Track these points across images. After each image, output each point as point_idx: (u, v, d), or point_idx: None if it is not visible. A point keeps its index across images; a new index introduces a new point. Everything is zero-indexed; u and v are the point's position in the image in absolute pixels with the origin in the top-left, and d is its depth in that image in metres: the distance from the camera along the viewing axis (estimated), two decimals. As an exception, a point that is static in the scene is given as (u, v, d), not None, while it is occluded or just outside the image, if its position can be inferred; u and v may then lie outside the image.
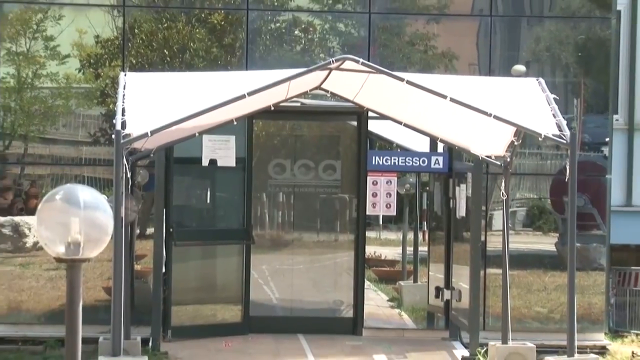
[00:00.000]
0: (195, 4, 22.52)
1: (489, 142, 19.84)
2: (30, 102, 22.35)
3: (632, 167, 25.47)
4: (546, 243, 22.27)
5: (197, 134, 19.95)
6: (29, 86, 22.30)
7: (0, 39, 22.19)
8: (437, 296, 22.94)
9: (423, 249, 23.99)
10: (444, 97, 17.81)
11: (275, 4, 22.62)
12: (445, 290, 22.71)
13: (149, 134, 17.33)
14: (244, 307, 22.28)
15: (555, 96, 19.20)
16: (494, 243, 21.05)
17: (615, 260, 22.82)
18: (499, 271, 20.37)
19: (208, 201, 22.48)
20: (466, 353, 20.27)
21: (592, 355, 18.67)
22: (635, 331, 23.08)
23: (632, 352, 21.23)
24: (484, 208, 21.47)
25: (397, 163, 22.90)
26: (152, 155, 20.08)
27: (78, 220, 9.08)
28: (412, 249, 24.38)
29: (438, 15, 23.07)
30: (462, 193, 22.34)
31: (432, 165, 22.79)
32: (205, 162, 21.82)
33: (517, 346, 19.28)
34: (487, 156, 20.28)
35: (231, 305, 22.29)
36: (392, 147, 23.00)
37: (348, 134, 22.67)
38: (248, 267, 22.40)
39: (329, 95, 20.39)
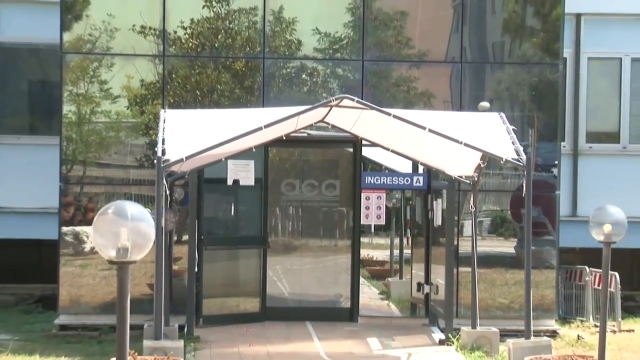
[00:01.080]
0: (221, 54, 22.47)
1: (460, 164, 19.91)
2: (88, 134, 22.31)
3: (576, 185, 25.40)
4: (507, 246, 22.24)
5: (223, 159, 20.04)
6: (87, 121, 22.27)
7: (64, 82, 22.14)
8: (418, 290, 22.95)
9: (407, 251, 23.95)
10: (424, 128, 17.87)
11: (286, 53, 22.58)
12: (425, 285, 22.72)
13: (184, 159, 17.46)
14: (261, 299, 22.27)
15: (514, 127, 19.26)
16: (464, 247, 21.00)
17: (563, 260, 22.81)
18: (469, 269, 20.31)
19: (232, 213, 22.46)
20: (442, 336, 20.19)
21: (545, 338, 18.60)
22: (580, 318, 23.04)
23: (578, 335, 21.19)
24: (456, 218, 21.42)
25: (385, 182, 23.03)
26: (186, 176, 20.10)
27: (126, 230, 9.23)
28: (398, 251, 24.34)
29: (418, 62, 23.02)
30: (438, 206, 22.38)
31: (414, 184, 22.88)
32: (229, 182, 21.86)
33: (483, 331, 19.34)
34: (459, 176, 20.38)
35: (251, 298, 22.27)
36: (381, 169, 22.96)
37: (345, 159, 22.63)
38: (265, 266, 22.39)
39: (330, 127, 20.33)
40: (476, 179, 20.14)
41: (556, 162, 23.03)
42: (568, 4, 23.06)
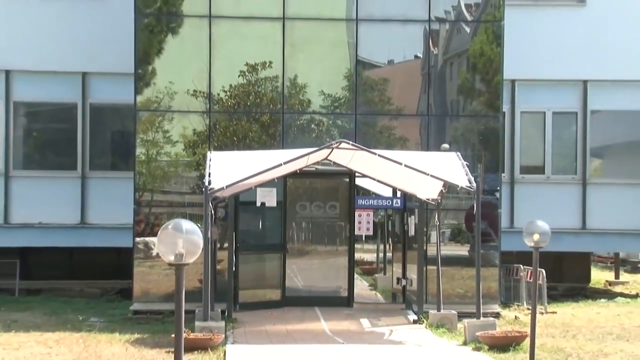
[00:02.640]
0: (251, 110, 22.38)
1: (428, 190, 19.89)
2: (154, 169, 22.23)
3: (513, 205, 25.31)
4: (462, 250, 22.20)
5: (253, 187, 20.14)
6: (153, 160, 22.20)
7: (137, 132, 22.08)
8: (397, 283, 22.96)
9: (389, 254, 23.91)
10: (400, 164, 17.93)
11: (299, 109, 22.50)
12: (402, 279, 22.68)
13: (225, 188, 17.63)
14: (282, 290, 22.17)
15: (467, 163, 19.27)
16: (431, 250, 20.87)
17: (503, 261, 22.69)
18: (434, 267, 20.19)
19: (260, 227, 22.40)
20: (415, 317, 20.13)
21: (491, 319, 18.53)
22: (517, 303, 22.97)
23: (515, 316, 21.04)
24: (425, 230, 21.29)
25: (372, 203, 23.17)
26: (226, 200, 20.08)
27: (182, 240, 9.28)
28: (382, 254, 24.26)
29: (396, 115, 22.94)
30: (412, 221, 22.34)
31: (394, 205, 22.96)
32: (258, 204, 21.78)
33: (446, 313, 19.31)
34: (427, 199, 20.37)
35: (274, 289, 22.12)
36: (369, 193, 22.90)
37: (343, 186, 22.55)
38: (284, 266, 22.28)
39: (331, 163, 20.32)
40: (440, 201, 20.28)
41: (498, 188, 22.91)
42: (505, 72, 22.97)
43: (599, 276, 31.05)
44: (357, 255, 23.19)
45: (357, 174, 21.84)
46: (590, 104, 26.29)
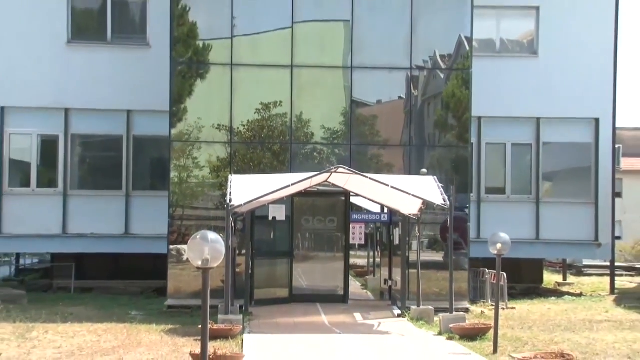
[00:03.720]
0: (265, 141, 22.32)
1: (410, 207, 19.81)
2: (185, 189, 22.16)
3: (480, 219, 25.29)
4: (438, 257, 22.06)
5: (266, 204, 20.03)
6: (185, 182, 22.15)
7: (171, 159, 22.01)
8: (384, 284, 22.90)
9: (378, 260, 23.76)
10: (387, 185, 17.94)
11: (304, 140, 22.47)
12: (389, 280, 22.64)
13: (243, 205, 17.59)
14: (289, 289, 22.05)
15: (442, 185, 19.18)
16: (412, 257, 20.73)
17: (472, 265, 22.61)
18: (415, 271, 20.06)
19: (271, 237, 22.21)
20: (399, 312, 20.00)
21: (462, 313, 18.35)
22: (483, 301, 22.91)
23: (481, 311, 20.92)
24: (407, 239, 21.18)
25: (364, 218, 23.15)
26: (244, 215, 20.05)
27: (207, 248, 9.39)
28: (372, 260, 24.10)
29: (384, 145, 22.90)
30: (397, 232, 22.27)
31: (382, 219, 22.88)
32: (270, 218, 21.73)
33: (424, 308, 19.21)
34: (409, 214, 20.29)
35: (283, 288, 21.97)
36: (362, 209, 22.77)
37: (340, 204, 22.45)
38: (291, 269, 22.18)
39: (331, 185, 20.21)
40: (419, 216, 20.14)
41: (467, 205, 22.81)
42: (473, 111, 22.95)
43: (549, 278, 31.00)
44: (352, 261, 23.06)
45: (351, 194, 21.71)
46: (542, 137, 26.37)
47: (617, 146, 27.75)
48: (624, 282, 31.47)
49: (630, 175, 56.45)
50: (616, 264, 29.42)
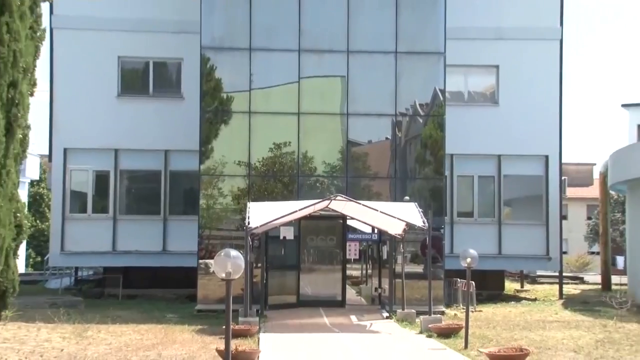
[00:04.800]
0: (277, 174, 22.30)
1: (395, 228, 19.69)
2: (211, 214, 22.06)
3: (453, 238, 25.15)
4: (419, 269, 21.89)
5: (278, 226, 19.91)
6: (211, 208, 22.07)
7: (200, 189, 21.96)
8: (375, 291, 22.65)
9: (369, 271, 23.52)
10: (377, 210, 17.86)
11: (309, 173, 22.42)
12: (378, 288, 22.42)
13: (259, 227, 17.39)
14: (297, 296, 21.92)
15: (422, 210, 19.06)
16: (398, 269, 20.55)
17: (446, 275, 22.41)
18: (400, 280, 19.95)
19: (282, 253, 22.11)
20: (387, 314, 19.88)
21: (438, 315, 18.20)
22: (456, 305, 22.64)
23: (455, 314, 20.74)
24: (393, 254, 21.02)
25: (358, 237, 22.99)
26: (260, 235, 19.95)
27: (230, 263, 9.43)
28: (365, 271, 23.92)
29: (373, 177, 22.88)
30: (385, 249, 22.15)
31: (373, 238, 22.78)
32: (281, 237, 21.61)
33: (408, 311, 19.06)
34: (395, 234, 20.16)
35: (292, 295, 21.81)
36: (356, 230, 22.57)
37: (338, 225, 22.33)
38: (298, 279, 22.05)
39: (331, 210, 20.06)
40: (403, 235, 20.01)
41: (442, 226, 22.74)
42: (447, 149, 22.98)
43: (509, 286, 30.77)
44: (348, 272, 22.76)
45: (348, 217, 21.58)
46: (503, 171, 26.30)
47: (563, 178, 27.71)
48: (570, 289, 31.27)
49: (573, 202, 56.72)
50: (563, 274, 29.30)
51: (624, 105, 34.44)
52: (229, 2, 22.63)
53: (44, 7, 12.55)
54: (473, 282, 20.41)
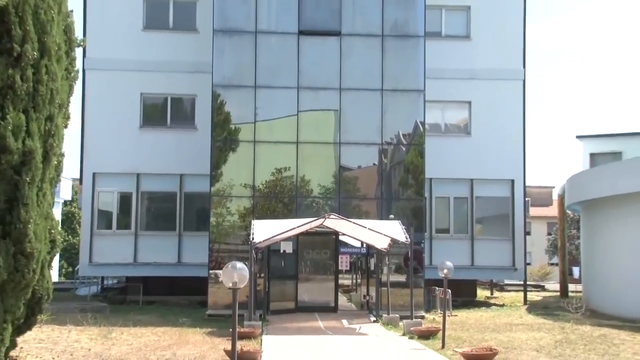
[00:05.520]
0: (278, 196, 22.26)
1: (382, 243, 19.65)
2: (220, 230, 21.99)
3: (432, 251, 25.06)
4: (402, 278, 21.73)
5: (279, 241, 19.82)
6: (220, 225, 21.99)
7: (211, 208, 21.95)
8: (364, 298, 22.57)
9: (359, 281, 23.42)
10: (365, 227, 17.78)
11: (306, 194, 22.35)
12: (366, 295, 22.34)
13: (262, 242, 17.30)
14: (295, 302, 21.81)
15: (405, 227, 19.07)
16: (383, 278, 20.48)
17: (426, 284, 22.52)
18: (385, 288, 19.89)
19: (282, 264, 22.04)
20: (374, 319, 19.80)
21: (419, 319, 18.21)
22: (434, 310, 22.50)
23: (433, 318, 20.58)
24: (380, 266, 20.95)
25: (349, 250, 22.94)
26: (263, 249, 19.85)
27: (236, 274, 9.15)
28: (355, 281, 23.81)
29: (363, 198, 22.78)
30: (372, 261, 22.07)
31: (362, 251, 22.73)
32: (281, 251, 21.58)
33: (392, 316, 18.99)
34: (381, 248, 20.09)
35: (291, 301, 21.69)
36: (347, 244, 22.52)
37: (332, 241, 22.26)
38: (297, 287, 21.97)
39: (325, 227, 20.03)
40: (388, 249, 19.95)
41: (423, 241, 22.78)
42: (426, 174, 22.96)
43: (481, 293, 30.63)
44: (340, 281, 22.67)
45: (340, 233, 21.51)
46: (475, 193, 26.29)
47: (526, 199, 27.67)
48: (533, 296, 31.18)
49: (536, 220, 56.73)
50: (527, 283, 29.20)
51: (578, 137, 34.58)
52: (237, 47, 22.71)
53: (78, 51, 12.56)
54: (449, 290, 20.40)
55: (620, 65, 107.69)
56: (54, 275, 28.18)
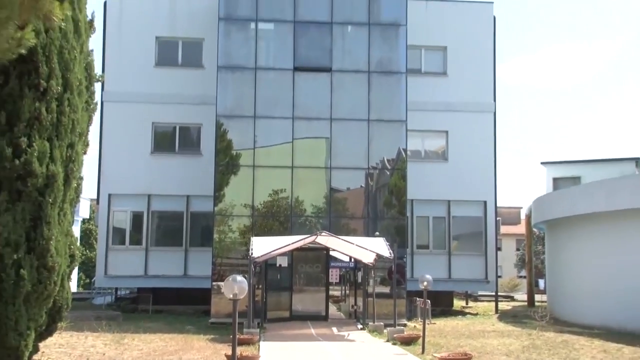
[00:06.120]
0: (275, 215, 22.24)
1: (368, 258, 19.60)
2: (223, 246, 21.94)
3: (413, 265, 25.04)
4: (386, 290, 21.64)
5: (276, 256, 19.74)
6: (222, 241, 22.08)
7: (215, 225, 21.92)
8: (352, 307, 22.38)
9: (347, 292, 23.30)
10: (353, 244, 17.71)
11: (299, 214, 22.37)
12: (354, 305, 22.18)
13: (260, 257, 17.20)
14: (290, 311, 21.69)
15: (389, 243, 19.05)
16: (370, 290, 20.41)
17: (408, 295, 22.37)
18: (371, 299, 19.84)
19: (278, 277, 21.91)
20: (362, 326, 19.71)
21: (401, 327, 18.18)
22: (415, 318, 22.42)
23: (414, 325, 20.47)
24: (366, 278, 20.91)
25: (338, 264, 22.80)
26: (261, 263, 19.71)
27: (236, 286, 9.02)
28: (343, 292, 23.71)
29: (351, 218, 22.80)
30: (359, 274, 21.97)
31: (350, 266, 22.60)
32: (278, 265, 21.53)
33: (377, 324, 18.93)
34: (368, 262, 20.03)
35: (285, 311, 21.56)
36: (337, 259, 22.47)
37: (323, 256, 22.21)
38: (291, 298, 21.88)
39: (317, 243, 20.03)
40: (374, 263, 19.88)
41: (405, 256, 22.77)
42: (408, 195, 23.01)
43: (457, 303, 30.55)
44: (330, 292, 22.52)
45: (330, 249, 21.49)
46: (452, 213, 26.30)
47: (497, 218, 27.77)
48: (503, 305, 31.17)
49: (506, 237, 56.86)
50: (498, 293, 29.23)
51: (542, 163, 34.71)
52: (239, 81, 22.83)
53: (97, 85, 12.66)
54: (429, 301, 20.44)
55: (579, 99, 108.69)
56: (73, 286, 28.02)
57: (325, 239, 19.54)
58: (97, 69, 12.96)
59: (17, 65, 9.92)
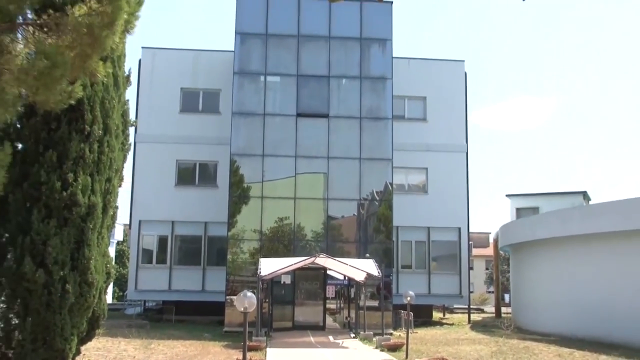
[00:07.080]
0: (279, 239, 22.24)
1: (359, 276, 19.51)
2: (235, 265, 21.87)
3: (398, 282, 25.00)
4: (375, 303, 21.45)
5: (280, 274, 19.66)
6: (235, 261, 21.92)
7: (228, 248, 21.84)
8: (345, 319, 22.22)
9: (342, 305, 23.18)
10: (347, 264, 17.69)
11: (301, 238, 22.35)
12: (348, 317, 22.02)
13: (267, 275, 17.13)
14: (292, 321, 21.49)
15: (378, 264, 18.97)
16: (361, 303, 20.34)
17: (393, 308, 22.16)
18: (362, 311, 19.75)
19: (282, 293, 21.79)
20: (354, 335, 19.52)
21: (388, 336, 18.09)
22: (400, 328, 22.21)
23: (399, 334, 20.29)
24: (359, 294, 20.82)
25: (334, 282, 22.62)
26: (267, 280, 19.64)
27: (246, 300, 8.97)
28: (339, 305, 23.58)
29: (346, 242, 22.75)
30: (352, 290, 21.83)
31: (344, 283, 22.46)
32: (282, 282, 21.40)
33: (367, 333, 18.85)
34: (359, 280, 19.93)
35: (288, 321, 21.37)
36: (333, 278, 22.39)
37: (321, 275, 22.08)
38: (293, 310, 21.67)
39: (315, 264, 19.96)
40: (365, 281, 19.79)
41: (391, 275, 22.71)
42: (394, 222, 23.07)
43: (436, 315, 30.36)
44: (327, 306, 22.37)
45: (327, 269, 21.40)
46: (431, 238, 26.26)
47: (469, 242, 27.71)
48: (475, 317, 30.91)
49: (477, 258, 56.54)
50: (471, 306, 29.05)
51: (507, 195, 34.82)
52: (250, 125, 23.04)
53: (131, 129, 12.89)
54: (412, 313, 20.40)
55: (537, 141, 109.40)
56: (109, 298, 27.90)
57: (323, 260, 19.55)
58: (132, 115, 13.18)
59: (67, 113, 10.17)
